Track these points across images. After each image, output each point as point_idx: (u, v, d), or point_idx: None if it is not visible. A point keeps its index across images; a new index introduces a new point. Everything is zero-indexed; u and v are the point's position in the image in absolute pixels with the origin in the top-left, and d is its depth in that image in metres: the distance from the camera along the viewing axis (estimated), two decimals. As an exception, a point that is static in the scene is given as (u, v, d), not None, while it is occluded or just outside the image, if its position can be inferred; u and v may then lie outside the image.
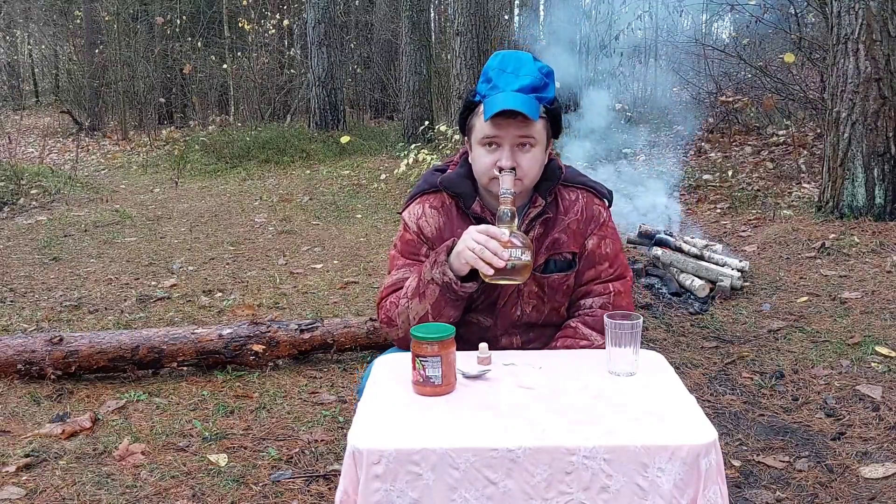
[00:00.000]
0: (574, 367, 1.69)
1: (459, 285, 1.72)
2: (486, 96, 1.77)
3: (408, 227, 1.91)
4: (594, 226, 1.89)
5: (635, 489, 1.34)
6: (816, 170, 7.16)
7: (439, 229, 1.87)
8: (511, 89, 1.74)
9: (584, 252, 1.89)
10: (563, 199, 1.89)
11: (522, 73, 1.76)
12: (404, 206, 1.97)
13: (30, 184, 8.41)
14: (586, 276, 1.90)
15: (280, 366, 3.45)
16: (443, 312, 1.77)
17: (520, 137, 1.75)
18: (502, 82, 1.76)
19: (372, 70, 16.21)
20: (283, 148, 10.75)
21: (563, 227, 1.87)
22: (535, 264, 1.84)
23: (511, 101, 1.71)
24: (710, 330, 3.88)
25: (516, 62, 1.78)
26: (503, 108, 1.69)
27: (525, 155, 1.76)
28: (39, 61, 20.91)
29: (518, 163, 1.75)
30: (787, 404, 3.04)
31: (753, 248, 5.26)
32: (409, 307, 1.79)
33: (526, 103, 1.71)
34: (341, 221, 6.88)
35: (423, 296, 1.77)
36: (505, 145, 1.75)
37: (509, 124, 1.73)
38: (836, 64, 5.61)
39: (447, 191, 1.88)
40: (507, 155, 1.74)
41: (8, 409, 2.98)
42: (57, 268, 5.29)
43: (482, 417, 1.45)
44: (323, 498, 2.40)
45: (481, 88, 1.80)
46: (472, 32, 9.20)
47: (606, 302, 1.89)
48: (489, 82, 1.78)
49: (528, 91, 1.74)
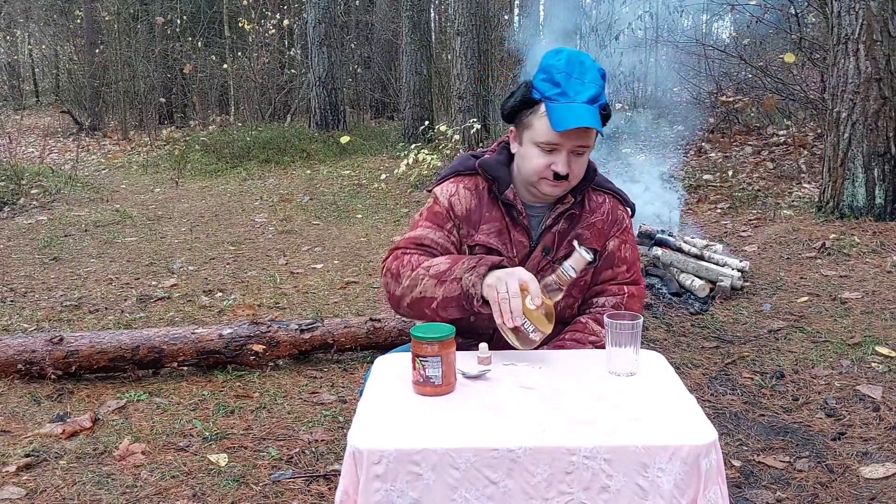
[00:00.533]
0: (574, 367, 1.69)
1: (479, 304, 1.69)
2: (552, 100, 1.77)
3: (439, 200, 1.91)
4: (617, 229, 1.93)
5: (635, 489, 1.34)
6: (816, 170, 7.16)
7: (469, 210, 1.89)
8: (581, 100, 1.75)
9: (605, 252, 1.92)
10: (590, 200, 1.93)
11: (588, 79, 1.77)
12: (436, 183, 1.98)
13: (30, 184, 8.41)
14: (603, 276, 1.93)
15: (280, 366, 3.45)
16: (447, 310, 1.75)
17: (578, 146, 1.78)
18: (571, 90, 1.76)
19: (372, 70, 16.20)
20: (284, 148, 10.75)
21: (588, 224, 1.91)
22: (555, 256, 1.88)
23: (584, 117, 1.72)
24: (710, 330, 3.88)
25: (581, 67, 1.78)
26: (578, 125, 1.72)
27: (578, 160, 1.81)
28: (40, 61, 20.91)
29: (571, 168, 1.79)
30: (787, 404, 3.04)
31: (753, 248, 5.26)
32: (423, 281, 1.76)
33: (596, 118, 1.74)
34: (341, 221, 6.88)
35: (441, 283, 1.74)
36: (563, 151, 1.77)
37: (573, 135, 1.75)
38: (837, 64, 5.61)
39: (485, 172, 1.89)
40: (565, 161, 1.77)
41: (8, 409, 2.98)
42: (57, 268, 5.29)
43: (482, 417, 1.45)
44: (323, 498, 2.40)
45: (545, 89, 1.78)
46: (472, 32, 9.20)
47: (619, 302, 1.90)
48: (557, 86, 1.77)
49: (594, 101, 1.76)
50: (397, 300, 1.83)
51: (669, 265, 4.57)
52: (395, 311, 1.87)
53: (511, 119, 1.87)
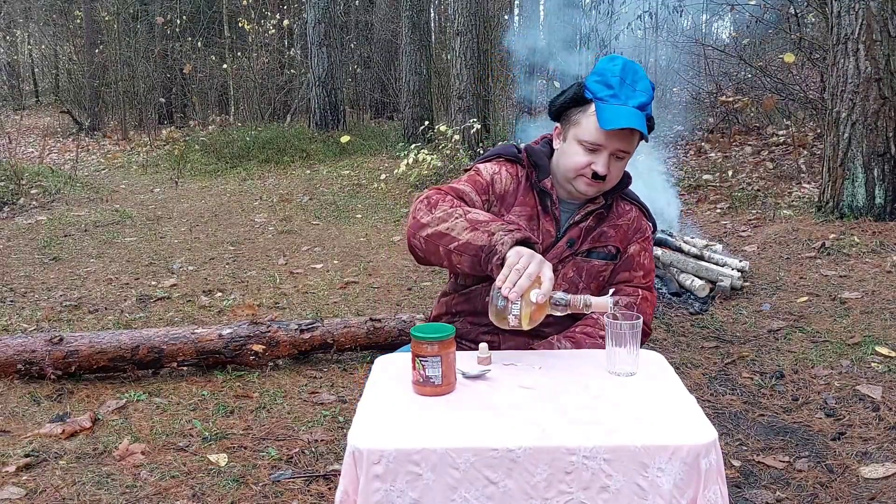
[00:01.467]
0: (574, 366, 1.69)
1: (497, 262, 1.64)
2: (604, 101, 1.81)
3: (481, 173, 1.94)
4: (640, 236, 1.98)
5: (635, 489, 1.34)
6: (816, 170, 7.16)
7: (506, 191, 1.92)
8: (632, 104, 1.80)
9: (625, 254, 1.96)
10: (618, 206, 1.98)
11: (640, 87, 1.83)
12: (478, 161, 2.01)
13: (30, 184, 8.41)
14: (620, 277, 1.96)
15: (280, 366, 3.45)
16: (462, 256, 1.70)
17: (619, 150, 1.82)
18: (623, 94, 1.81)
19: (372, 70, 16.21)
20: (283, 148, 10.75)
21: (612, 224, 1.95)
22: (578, 249, 1.92)
23: (634, 119, 1.78)
24: (710, 330, 3.88)
25: (634, 74, 1.84)
26: (627, 125, 1.76)
27: (618, 164, 1.85)
28: (39, 61, 20.92)
29: (610, 170, 1.83)
30: (787, 404, 3.04)
31: (753, 248, 5.26)
32: (456, 220, 1.72)
33: (643, 123, 1.79)
34: (341, 221, 6.88)
35: (474, 230, 1.69)
36: (605, 152, 1.82)
37: (617, 136, 1.80)
38: (836, 64, 5.61)
39: (529, 157, 1.94)
40: (605, 163, 1.82)
41: (8, 409, 2.98)
42: (57, 268, 5.29)
43: (482, 417, 1.45)
44: (323, 498, 2.40)
45: (598, 90, 1.83)
46: (472, 32, 9.20)
47: (632, 302, 1.93)
48: (610, 88, 1.82)
49: (643, 108, 1.81)
50: (419, 227, 1.76)
51: (669, 265, 4.57)
52: (409, 239, 1.80)
53: (558, 116, 1.92)
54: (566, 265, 1.91)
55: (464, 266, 1.72)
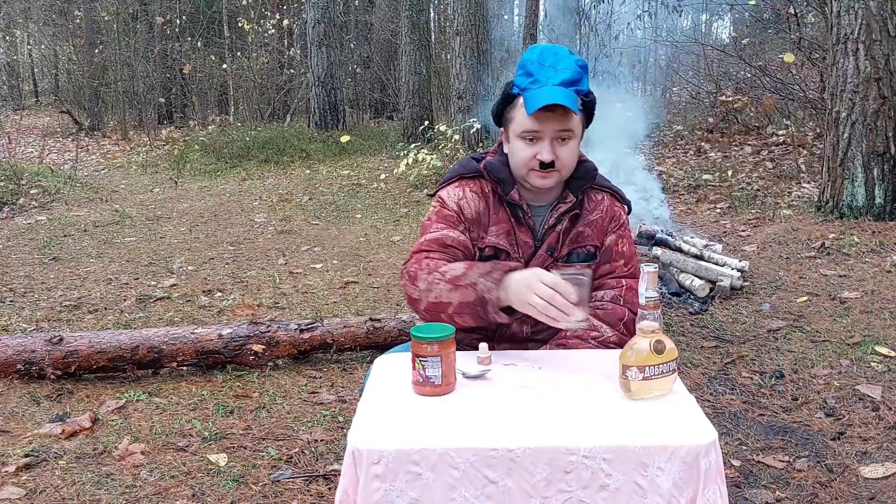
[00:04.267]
0: (574, 366, 1.69)
1: (495, 311, 1.70)
2: (526, 90, 1.80)
3: (446, 204, 1.92)
4: (614, 225, 1.95)
5: (634, 488, 1.34)
6: (816, 170, 7.16)
7: (478, 213, 1.90)
8: (552, 83, 1.77)
9: (603, 248, 1.95)
10: (590, 199, 1.95)
11: (561, 66, 1.80)
12: (440, 186, 1.98)
13: (30, 184, 8.40)
14: (602, 270, 1.95)
15: (280, 366, 3.45)
16: (463, 317, 1.74)
17: (559, 131, 1.79)
18: (543, 76, 1.79)
19: (372, 70, 16.20)
20: (283, 148, 10.74)
21: (588, 222, 1.93)
22: (559, 254, 1.90)
23: (555, 95, 1.74)
24: (709, 330, 3.88)
25: (554, 56, 1.82)
26: (547, 102, 1.73)
27: (563, 148, 1.81)
28: (39, 61, 20.92)
29: (557, 156, 1.80)
30: (786, 404, 3.04)
31: (753, 248, 5.26)
32: (438, 285, 1.76)
33: (568, 97, 1.75)
34: (341, 221, 6.88)
35: (458, 288, 1.73)
36: (545, 139, 1.80)
37: (550, 118, 1.77)
38: (836, 64, 5.61)
39: (490, 175, 1.90)
40: (548, 149, 1.79)
41: (8, 409, 2.98)
42: (57, 268, 5.29)
43: (482, 417, 1.45)
44: (323, 498, 2.40)
45: (520, 82, 1.83)
46: (471, 32, 9.20)
47: (618, 295, 1.92)
48: (530, 76, 1.81)
49: (567, 85, 1.78)
50: (415, 302, 1.83)
51: (669, 265, 4.57)
52: (417, 313, 1.87)
53: (499, 121, 1.91)
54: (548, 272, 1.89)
55: (471, 322, 1.76)
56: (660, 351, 1.50)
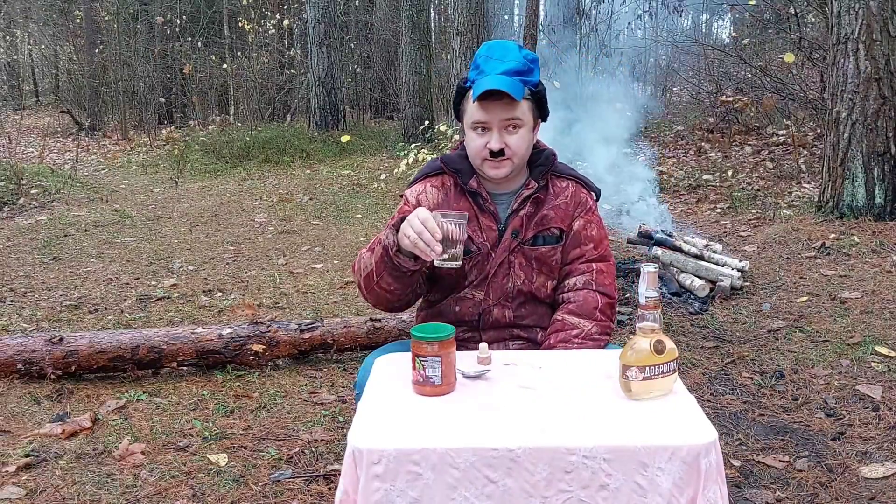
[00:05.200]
0: (574, 366, 1.69)
1: (394, 253, 1.77)
2: (474, 81, 1.87)
3: (408, 201, 2.02)
4: (581, 210, 2.00)
5: (634, 487, 1.34)
6: (816, 170, 7.16)
7: (437, 204, 1.97)
8: (496, 73, 1.84)
9: (571, 231, 1.99)
10: (554, 186, 2.00)
11: (508, 58, 1.87)
12: (409, 185, 2.07)
13: (30, 184, 8.40)
14: (571, 255, 1.99)
15: (280, 366, 3.45)
16: (382, 276, 1.83)
17: (506, 120, 1.85)
18: (489, 67, 1.86)
19: (372, 70, 16.20)
20: (283, 148, 10.74)
21: (553, 206, 1.98)
22: (524, 237, 1.95)
23: (495, 82, 1.80)
24: (710, 330, 3.88)
25: (502, 49, 1.89)
26: (488, 87, 1.80)
27: (512, 136, 1.87)
28: (39, 61, 20.91)
29: (507, 144, 1.86)
30: (787, 404, 3.04)
31: (753, 248, 5.26)
32: (363, 258, 1.88)
33: (509, 84, 1.81)
34: (341, 221, 6.88)
35: (373, 251, 1.84)
36: (493, 129, 1.85)
37: (495, 107, 1.83)
38: (836, 64, 5.61)
39: (448, 167, 1.98)
40: (497, 138, 1.86)
41: (8, 409, 2.98)
42: (57, 268, 5.29)
43: (482, 417, 1.45)
44: (323, 498, 2.40)
45: (470, 75, 1.91)
46: (472, 32, 9.19)
47: (589, 279, 1.97)
48: (477, 68, 1.89)
49: (511, 74, 1.84)
50: (360, 289, 1.94)
51: (669, 265, 4.57)
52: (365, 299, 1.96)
53: (457, 114, 1.98)
54: (516, 256, 1.95)
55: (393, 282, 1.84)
56: (660, 351, 1.50)
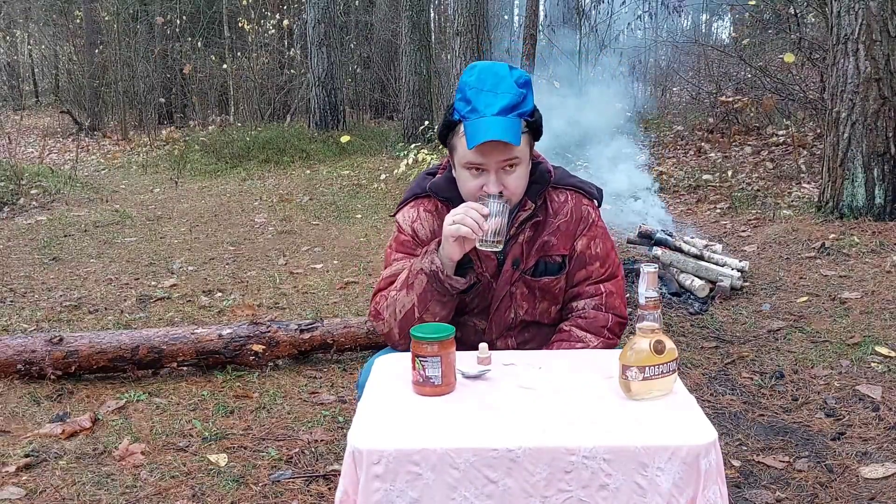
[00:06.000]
0: (574, 366, 1.69)
1: (445, 275, 1.72)
2: (466, 118, 1.72)
3: (402, 229, 1.91)
4: (583, 226, 1.88)
5: (634, 487, 1.34)
6: (816, 170, 7.15)
7: (433, 232, 1.86)
8: (491, 113, 1.68)
9: (574, 253, 1.88)
10: (552, 201, 1.88)
11: (500, 90, 1.70)
12: (397, 208, 1.96)
13: (30, 184, 8.40)
14: (577, 277, 1.89)
15: (280, 366, 3.45)
16: (428, 307, 1.76)
17: (504, 161, 1.72)
18: (482, 104, 1.70)
19: (372, 70, 16.20)
20: (283, 148, 10.74)
21: (553, 229, 1.86)
22: (526, 266, 1.85)
23: (494, 130, 1.66)
24: (709, 330, 3.88)
25: (494, 78, 1.72)
26: (487, 139, 1.66)
27: (510, 176, 1.75)
28: (39, 61, 20.90)
29: (505, 185, 1.74)
30: (786, 404, 3.04)
31: (753, 248, 5.26)
32: (396, 299, 1.79)
33: (508, 129, 1.67)
34: (341, 221, 6.88)
35: (410, 287, 1.77)
36: (490, 171, 1.73)
37: (493, 150, 1.70)
38: (836, 64, 5.61)
39: (436, 196, 1.88)
40: (494, 181, 1.73)
41: (8, 409, 2.98)
42: (57, 268, 5.29)
43: (482, 417, 1.45)
44: (323, 498, 2.40)
45: (460, 107, 1.75)
46: (472, 32, 9.20)
47: (599, 303, 1.88)
48: (468, 103, 1.72)
49: (508, 111, 1.69)
50: (390, 336, 1.86)
51: (669, 265, 4.57)
52: (396, 349, 1.87)
53: (445, 143, 1.83)
54: (518, 286, 1.85)
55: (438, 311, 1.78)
56: (660, 351, 1.50)
